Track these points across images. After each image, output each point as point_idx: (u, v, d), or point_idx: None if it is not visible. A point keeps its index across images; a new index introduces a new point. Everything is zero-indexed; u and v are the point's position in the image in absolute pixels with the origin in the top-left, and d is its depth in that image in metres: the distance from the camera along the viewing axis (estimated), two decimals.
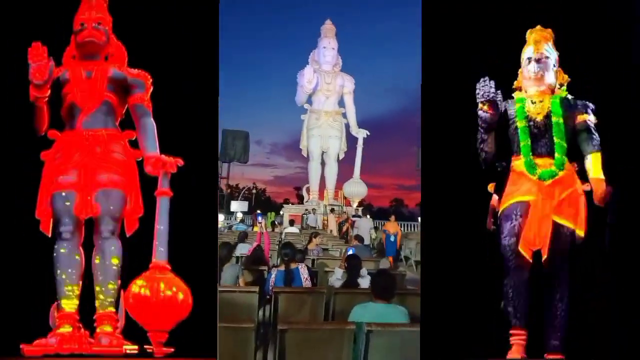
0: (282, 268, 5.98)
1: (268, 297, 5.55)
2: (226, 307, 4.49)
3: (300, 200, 30.48)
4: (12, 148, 3.54)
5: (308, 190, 27.83)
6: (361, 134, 26.76)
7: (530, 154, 3.63)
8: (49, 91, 3.47)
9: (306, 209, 23.85)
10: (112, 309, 3.46)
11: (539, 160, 3.62)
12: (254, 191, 46.74)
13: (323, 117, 26.70)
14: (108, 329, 3.42)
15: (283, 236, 13.98)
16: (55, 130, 3.61)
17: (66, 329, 3.38)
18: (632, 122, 3.68)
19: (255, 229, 13.06)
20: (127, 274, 3.42)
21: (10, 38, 3.57)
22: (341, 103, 27.47)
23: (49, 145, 3.59)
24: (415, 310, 3.97)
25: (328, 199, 26.35)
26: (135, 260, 3.42)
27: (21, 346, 3.26)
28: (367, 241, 13.83)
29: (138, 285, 3.25)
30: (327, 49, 27.30)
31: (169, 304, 3.22)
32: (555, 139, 3.62)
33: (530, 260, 3.48)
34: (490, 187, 3.86)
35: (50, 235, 3.50)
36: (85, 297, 3.48)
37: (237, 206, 29.12)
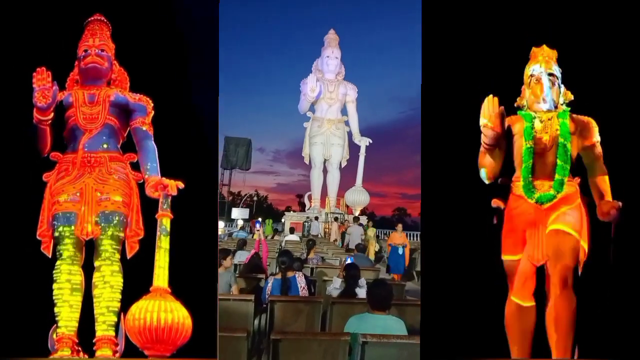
0: (279, 276, 5.89)
1: (264, 305, 5.48)
2: (221, 315, 4.09)
3: (302, 208, 30.44)
4: (14, 169, 3.53)
5: (310, 197, 27.82)
6: (364, 142, 26.76)
7: (530, 176, 3.61)
8: (52, 114, 3.50)
9: (307, 217, 23.78)
10: (112, 332, 3.43)
11: (537, 183, 3.61)
12: (255, 198, 46.75)
13: (325, 125, 26.73)
14: (107, 352, 3.39)
15: (283, 244, 13.92)
16: (57, 152, 3.63)
17: (65, 352, 3.37)
18: (633, 135, 3.63)
19: (255, 236, 13.00)
20: (127, 296, 3.40)
21: (16, 62, 3.59)
22: (344, 111, 27.53)
23: (51, 167, 3.60)
24: (414, 322, 3.89)
25: (330, 206, 26.31)
26: (136, 282, 3.41)
27: None
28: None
29: (139, 309, 3.23)
30: (331, 58, 27.44)
31: (169, 328, 3.20)
32: (559, 161, 3.60)
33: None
34: (494, 203, 3.76)
35: (50, 256, 3.49)
36: (85, 319, 3.45)
37: (238, 213, 29.15)
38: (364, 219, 16.93)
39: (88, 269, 3.51)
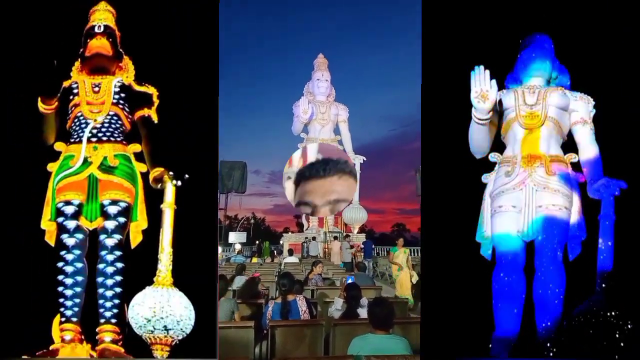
0: (279, 300, 5.74)
1: (265, 331, 5.34)
2: (221, 344, 4.22)
3: (301, 228, 30.28)
4: (19, 159, 3.59)
5: (308, 218, 27.67)
6: (357, 160, 26.74)
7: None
8: (57, 103, 3.57)
9: (306, 237, 23.65)
10: (115, 321, 3.46)
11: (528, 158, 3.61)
12: (252, 221, 46.49)
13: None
14: (110, 341, 3.43)
15: (282, 267, 13.69)
16: (62, 142, 3.67)
17: (68, 335, 3.42)
18: (631, 121, 3.62)
19: (254, 260, 12.80)
20: (131, 286, 3.43)
21: (21, 51, 3.62)
22: (337, 131, 27.54)
23: (55, 157, 3.64)
24: (418, 340, 3.78)
25: (327, 225, 26.16)
26: (139, 272, 3.44)
27: (23, 357, 3.28)
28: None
29: (142, 299, 3.27)
30: (321, 81, 27.65)
31: (172, 318, 3.24)
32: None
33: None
34: (485, 178, 3.78)
35: (54, 246, 3.53)
36: (88, 309, 3.49)
37: (235, 237, 28.94)
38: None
39: (92, 259, 3.55)
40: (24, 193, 3.60)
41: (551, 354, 3.32)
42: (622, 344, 3.20)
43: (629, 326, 3.20)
